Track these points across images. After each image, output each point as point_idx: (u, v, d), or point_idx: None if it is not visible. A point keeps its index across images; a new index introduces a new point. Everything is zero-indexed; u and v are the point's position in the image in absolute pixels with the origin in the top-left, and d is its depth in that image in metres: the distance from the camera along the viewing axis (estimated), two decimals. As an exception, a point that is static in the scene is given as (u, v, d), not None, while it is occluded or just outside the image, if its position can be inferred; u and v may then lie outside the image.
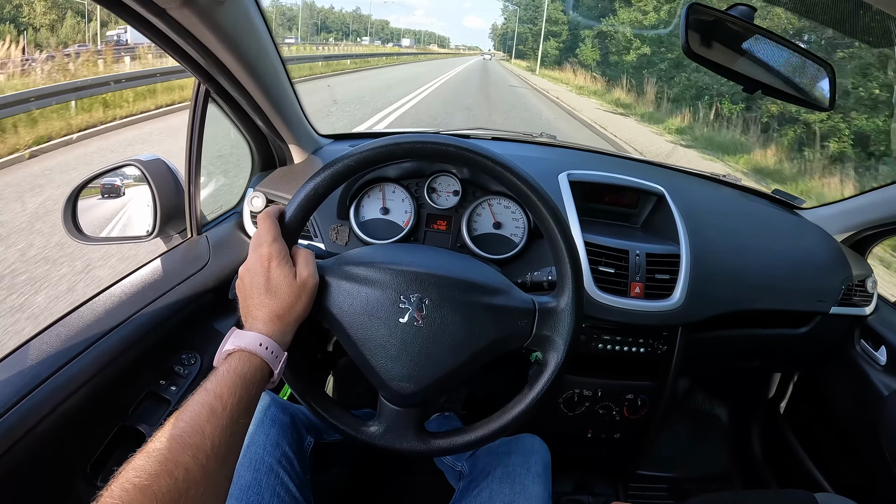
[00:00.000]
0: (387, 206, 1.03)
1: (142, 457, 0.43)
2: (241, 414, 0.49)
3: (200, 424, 0.45)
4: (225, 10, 0.69)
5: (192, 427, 0.45)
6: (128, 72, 8.84)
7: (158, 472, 0.41)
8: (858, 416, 1.17)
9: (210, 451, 0.44)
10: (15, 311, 2.57)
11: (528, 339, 0.62)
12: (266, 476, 0.70)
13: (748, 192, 1.30)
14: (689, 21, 0.70)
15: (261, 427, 0.76)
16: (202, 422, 0.45)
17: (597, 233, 0.98)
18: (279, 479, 0.71)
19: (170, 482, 0.41)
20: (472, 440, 0.64)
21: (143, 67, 9.84)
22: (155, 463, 0.42)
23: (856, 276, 1.15)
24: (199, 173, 0.93)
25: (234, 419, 0.48)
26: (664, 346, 1.02)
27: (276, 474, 0.71)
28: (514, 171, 0.60)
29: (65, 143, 6.06)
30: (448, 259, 0.69)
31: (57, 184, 4.55)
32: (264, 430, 0.76)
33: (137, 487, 0.40)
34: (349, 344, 0.60)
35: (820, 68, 0.82)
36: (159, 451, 0.43)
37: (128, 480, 0.41)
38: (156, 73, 8.59)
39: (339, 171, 0.59)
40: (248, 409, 0.50)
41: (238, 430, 0.49)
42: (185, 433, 0.44)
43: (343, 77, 16.31)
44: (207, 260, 0.94)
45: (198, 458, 0.43)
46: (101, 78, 7.62)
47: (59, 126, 6.20)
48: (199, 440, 0.44)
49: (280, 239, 0.58)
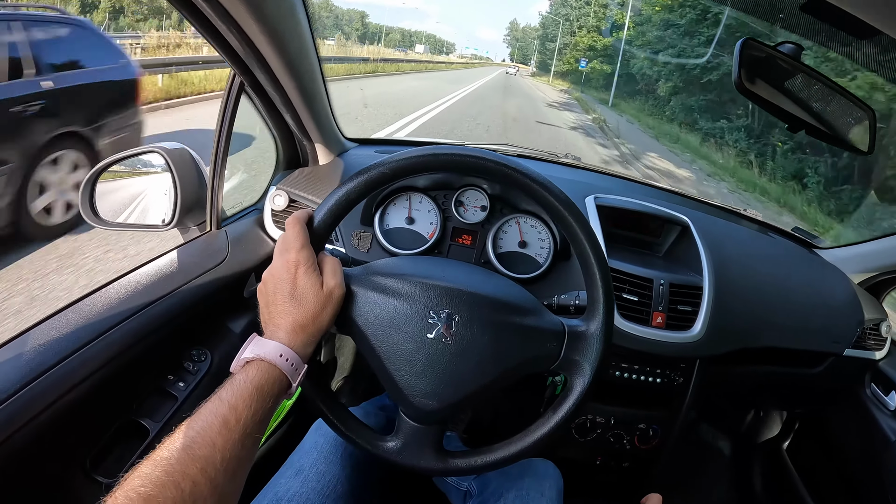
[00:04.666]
0: (412, 215, 1.01)
1: (148, 465, 0.41)
2: (255, 428, 0.47)
3: (212, 436, 0.43)
4: (273, 4, 0.68)
5: (203, 438, 0.43)
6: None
7: (165, 482, 0.40)
8: (864, 460, 1.16)
9: (220, 465, 0.43)
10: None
11: (555, 362, 0.61)
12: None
13: (768, 229, 1.30)
14: (743, 56, 0.69)
15: (339, 459, 0.75)
16: (213, 433, 0.44)
17: (621, 259, 0.97)
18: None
19: (176, 494, 0.39)
20: (492, 461, 0.62)
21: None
22: (162, 473, 0.40)
23: (871, 320, 1.15)
24: (224, 166, 0.91)
25: (248, 433, 0.46)
26: (680, 378, 1.01)
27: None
28: (554, 192, 0.59)
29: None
30: (479, 276, 0.67)
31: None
32: (342, 462, 0.75)
33: (142, 497, 0.38)
34: (373, 357, 0.59)
35: (861, 111, 0.82)
36: (167, 460, 0.41)
37: (133, 489, 0.39)
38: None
39: (373, 179, 0.58)
40: (262, 423, 0.48)
41: (250, 445, 0.47)
42: (196, 444, 0.42)
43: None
44: (226, 256, 0.92)
45: (206, 470, 0.42)
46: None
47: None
48: (209, 452, 0.42)
49: (308, 245, 0.56)
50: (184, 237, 0.97)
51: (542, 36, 72.32)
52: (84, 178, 0.91)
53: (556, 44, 53.52)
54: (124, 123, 3.41)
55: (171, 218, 0.93)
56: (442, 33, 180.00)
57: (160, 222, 0.97)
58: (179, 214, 0.92)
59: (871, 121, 0.82)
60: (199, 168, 0.96)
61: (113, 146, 3.18)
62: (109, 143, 3.20)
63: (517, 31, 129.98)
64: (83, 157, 3.06)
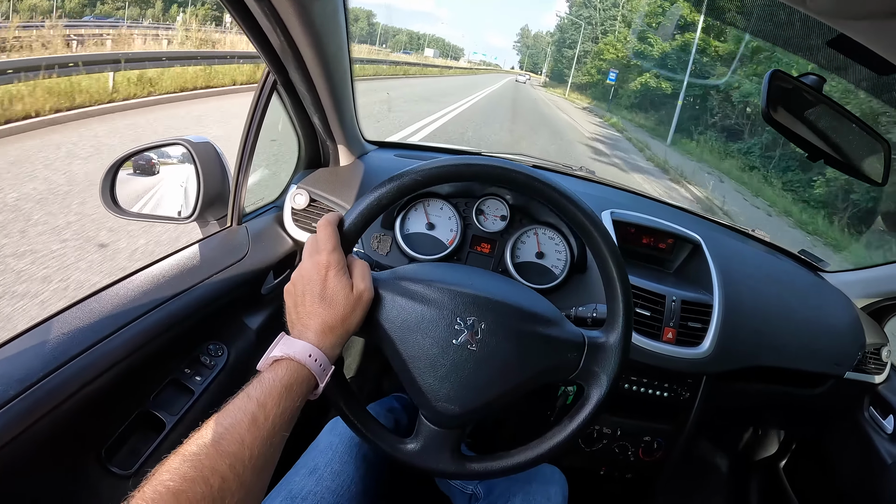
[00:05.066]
0: (433, 221, 1.02)
1: (177, 459, 0.41)
2: (283, 426, 0.47)
3: (241, 433, 0.44)
4: (319, 6, 0.69)
5: (232, 434, 0.43)
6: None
7: (194, 477, 0.40)
8: (860, 482, 1.19)
9: (248, 462, 0.43)
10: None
11: (574, 372, 0.62)
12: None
13: (776, 250, 1.33)
14: (771, 87, 0.71)
15: (353, 459, 0.75)
16: (243, 430, 0.44)
17: (634, 274, 0.98)
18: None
19: (205, 489, 0.40)
20: (508, 466, 0.63)
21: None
22: (190, 468, 0.40)
23: (872, 344, 1.17)
24: (251, 162, 0.92)
25: (276, 431, 0.46)
26: (687, 393, 1.02)
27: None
28: (582, 207, 0.61)
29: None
30: (505, 285, 0.68)
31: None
32: (356, 462, 0.75)
33: (171, 491, 0.39)
34: (397, 360, 0.59)
35: (877, 143, 0.84)
36: (196, 455, 0.41)
37: (161, 483, 0.39)
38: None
39: (405, 185, 0.59)
40: (290, 421, 0.49)
41: (277, 443, 0.47)
42: (224, 440, 0.43)
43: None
44: (246, 252, 0.92)
45: (235, 467, 0.42)
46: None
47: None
48: (237, 449, 0.43)
49: (339, 248, 0.57)
50: (202, 231, 0.97)
51: (557, 41, 61.16)
52: (106, 167, 0.91)
53: (576, 50, 44.94)
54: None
55: (192, 211, 0.93)
56: (451, 38, 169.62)
57: (179, 215, 0.97)
58: (201, 208, 0.92)
59: (887, 153, 0.84)
60: (223, 163, 0.96)
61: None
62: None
63: (528, 37, 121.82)
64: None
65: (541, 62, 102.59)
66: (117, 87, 6.61)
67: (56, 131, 5.02)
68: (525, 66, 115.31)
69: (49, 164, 4.04)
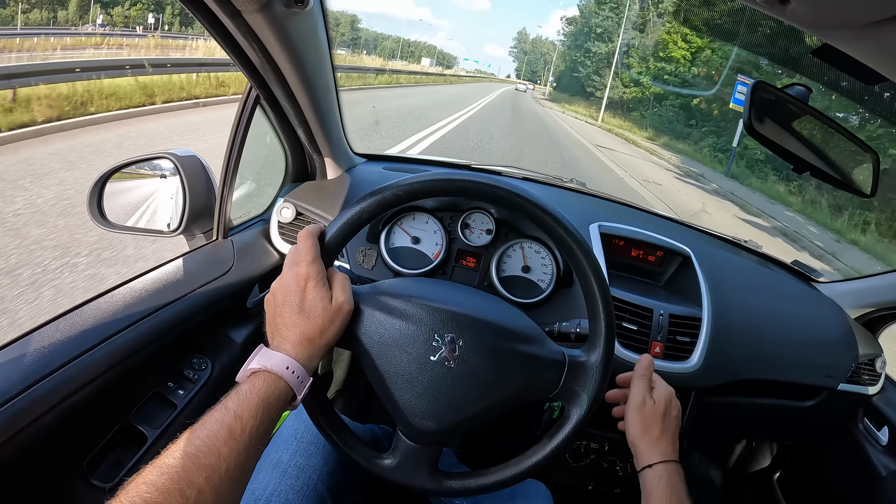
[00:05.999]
0: (418, 235, 1.02)
1: (154, 471, 0.41)
2: (259, 439, 0.47)
3: (217, 445, 0.44)
4: (296, 21, 0.70)
5: (209, 447, 0.43)
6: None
7: (170, 489, 0.40)
8: (855, 494, 1.17)
9: (224, 474, 0.43)
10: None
11: (554, 391, 0.62)
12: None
13: (768, 261, 1.31)
14: (754, 99, 0.71)
15: (321, 451, 0.72)
16: (219, 443, 0.44)
17: (622, 288, 0.98)
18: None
19: (181, 501, 0.40)
20: (485, 484, 0.63)
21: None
22: (167, 480, 0.40)
23: (865, 355, 1.16)
24: (235, 176, 0.92)
25: (252, 443, 0.46)
26: None
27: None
28: (563, 223, 0.60)
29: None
30: (484, 302, 0.68)
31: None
32: (323, 455, 0.72)
33: (147, 503, 0.39)
34: (375, 375, 0.59)
35: (865, 154, 0.83)
36: (172, 467, 0.41)
37: (138, 495, 0.39)
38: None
39: (386, 200, 0.58)
40: (267, 433, 0.49)
41: (253, 455, 0.47)
42: (201, 452, 0.43)
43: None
44: (231, 266, 0.92)
45: (211, 479, 0.42)
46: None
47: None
48: (214, 461, 0.43)
49: (319, 260, 0.57)
50: (189, 244, 0.97)
51: (576, 34, 42.26)
52: (93, 181, 0.91)
53: (616, 41, 27.16)
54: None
55: (179, 224, 0.93)
56: (446, 46, 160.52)
57: (165, 227, 0.97)
58: (187, 221, 0.92)
59: (875, 164, 0.83)
60: (209, 176, 0.96)
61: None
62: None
63: (526, 42, 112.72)
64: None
65: (540, 70, 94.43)
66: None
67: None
68: (523, 75, 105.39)
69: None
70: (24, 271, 2.57)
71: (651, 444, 0.68)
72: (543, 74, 73.61)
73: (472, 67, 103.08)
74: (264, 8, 0.63)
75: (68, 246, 2.86)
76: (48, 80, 5.72)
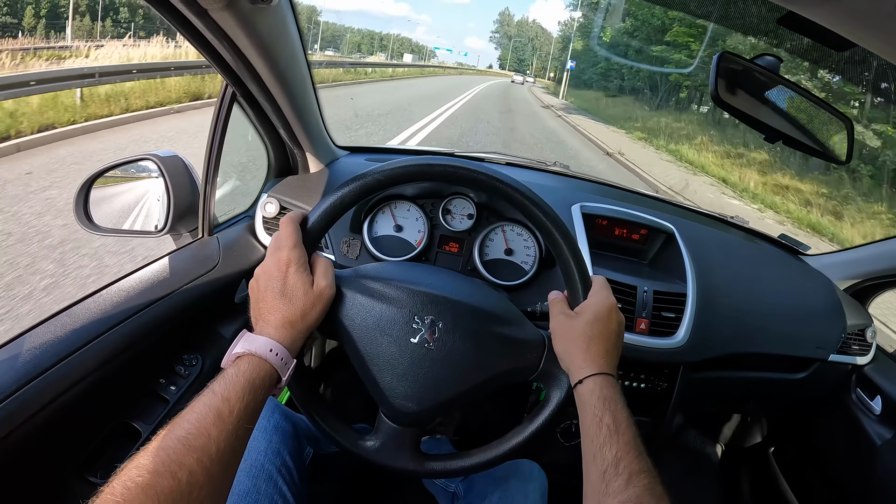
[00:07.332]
0: (400, 223, 1.03)
1: (145, 455, 0.42)
2: (247, 419, 0.48)
3: (206, 427, 0.45)
4: (264, 17, 0.70)
5: (198, 429, 0.44)
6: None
7: (161, 471, 0.41)
8: (850, 464, 1.17)
9: (214, 455, 0.44)
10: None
11: (534, 373, 0.62)
12: (265, 483, 0.69)
13: (755, 236, 1.31)
14: (719, 69, 0.71)
15: (263, 433, 0.74)
16: (208, 425, 0.45)
17: (606, 267, 0.98)
18: (277, 488, 0.70)
19: (173, 483, 0.41)
20: (466, 466, 0.64)
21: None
22: (158, 462, 0.41)
23: (855, 325, 1.16)
24: (216, 174, 0.93)
25: (240, 424, 0.47)
26: (664, 384, 1.02)
27: (275, 483, 0.70)
28: (541, 206, 0.60)
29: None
30: (465, 285, 0.69)
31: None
32: (266, 436, 0.74)
33: (140, 486, 0.40)
34: (357, 357, 0.60)
35: (839, 122, 0.83)
36: (164, 450, 0.42)
37: (130, 479, 0.40)
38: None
39: (367, 184, 0.59)
40: (254, 415, 0.50)
41: (243, 435, 0.48)
42: (191, 435, 0.44)
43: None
44: (217, 262, 0.93)
45: (202, 461, 0.43)
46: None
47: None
48: (204, 443, 0.44)
49: (301, 245, 0.58)
50: (176, 243, 0.98)
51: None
52: (78, 185, 0.93)
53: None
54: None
55: (164, 224, 0.94)
56: (421, 39, 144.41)
57: (153, 228, 0.99)
58: (172, 221, 0.94)
59: (849, 131, 0.83)
60: (192, 175, 0.98)
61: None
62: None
63: (510, 24, 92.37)
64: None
65: (528, 57, 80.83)
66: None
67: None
68: (508, 65, 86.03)
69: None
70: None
71: (578, 360, 0.59)
72: (533, 63, 61.82)
73: (450, 59, 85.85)
74: (230, 5, 0.63)
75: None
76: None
